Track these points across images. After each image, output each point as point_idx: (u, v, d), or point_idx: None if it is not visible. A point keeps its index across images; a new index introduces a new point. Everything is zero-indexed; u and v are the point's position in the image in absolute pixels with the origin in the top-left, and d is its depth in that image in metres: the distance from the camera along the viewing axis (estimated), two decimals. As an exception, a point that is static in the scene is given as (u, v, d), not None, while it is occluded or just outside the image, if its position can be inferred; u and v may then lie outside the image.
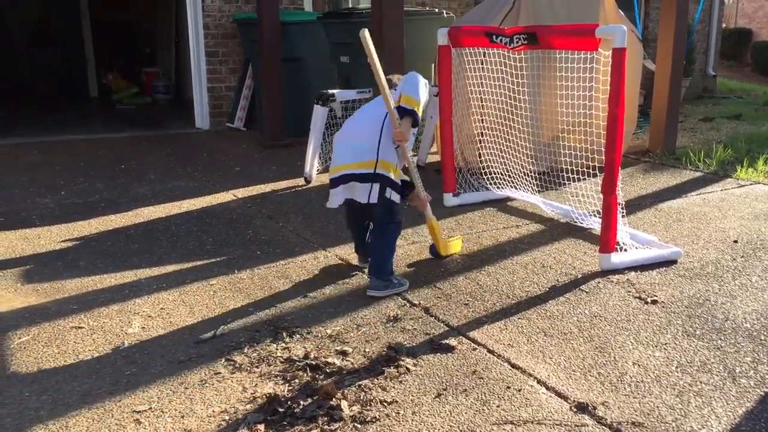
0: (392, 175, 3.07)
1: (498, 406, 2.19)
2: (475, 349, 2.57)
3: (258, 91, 7.31)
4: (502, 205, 4.59)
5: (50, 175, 5.46)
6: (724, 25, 14.78)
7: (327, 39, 6.37)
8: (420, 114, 3.14)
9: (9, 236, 3.93)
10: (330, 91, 5.06)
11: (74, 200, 4.71)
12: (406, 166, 3.27)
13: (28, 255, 3.63)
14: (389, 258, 3.15)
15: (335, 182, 3.12)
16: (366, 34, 3.16)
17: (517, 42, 3.85)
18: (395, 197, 3.09)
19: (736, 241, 3.81)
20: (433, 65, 6.05)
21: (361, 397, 2.24)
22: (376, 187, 3.03)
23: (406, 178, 3.27)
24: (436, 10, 6.46)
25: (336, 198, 3.14)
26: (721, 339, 2.65)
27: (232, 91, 7.79)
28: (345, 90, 5.47)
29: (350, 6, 8.27)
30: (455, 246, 3.62)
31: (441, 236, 3.55)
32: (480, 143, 5.01)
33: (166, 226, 4.13)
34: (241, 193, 4.93)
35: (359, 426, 2.09)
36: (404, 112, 3.08)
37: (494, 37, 4.05)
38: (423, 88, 3.15)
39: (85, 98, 11.02)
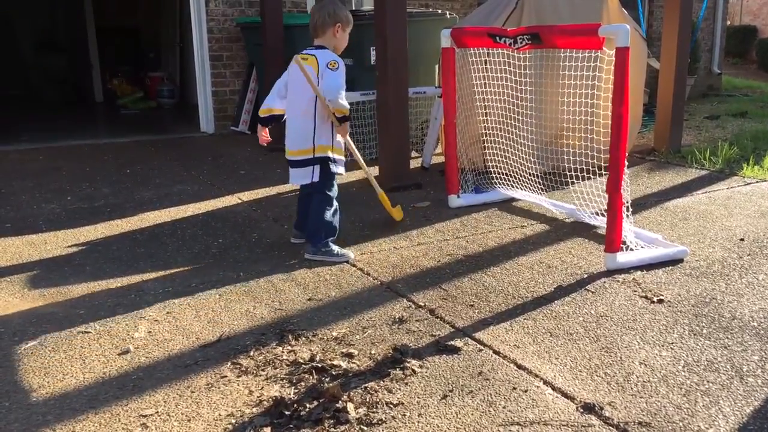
0: (330, 154, 3.53)
1: (504, 407, 2.19)
2: (480, 351, 2.57)
3: (262, 94, 7.32)
4: (506, 205, 4.58)
5: (56, 180, 5.48)
6: (728, 23, 14.73)
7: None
8: (348, 113, 3.52)
9: (16, 242, 3.95)
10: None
11: (80, 205, 4.73)
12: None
13: (34, 260, 3.65)
14: (323, 227, 3.53)
15: (289, 164, 3.62)
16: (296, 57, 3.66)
17: (521, 42, 3.85)
18: (337, 169, 3.57)
19: (742, 240, 3.80)
20: (436, 67, 6.06)
21: (367, 399, 2.24)
22: (317, 168, 3.51)
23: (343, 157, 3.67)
24: (439, 11, 6.47)
25: (292, 178, 3.64)
26: (728, 338, 2.64)
27: (236, 94, 7.81)
28: (349, 92, 5.46)
29: (353, 8, 8.28)
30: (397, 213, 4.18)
31: (389, 205, 4.14)
32: (484, 144, 5.00)
33: (172, 230, 4.14)
34: (247, 196, 4.94)
35: (365, 428, 2.09)
36: (342, 120, 3.50)
37: (498, 37, 4.05)
38: (342, 91, 3.48)
39: (90, 103, 11.08)
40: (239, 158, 6.34)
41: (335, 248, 3.56)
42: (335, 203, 3.63)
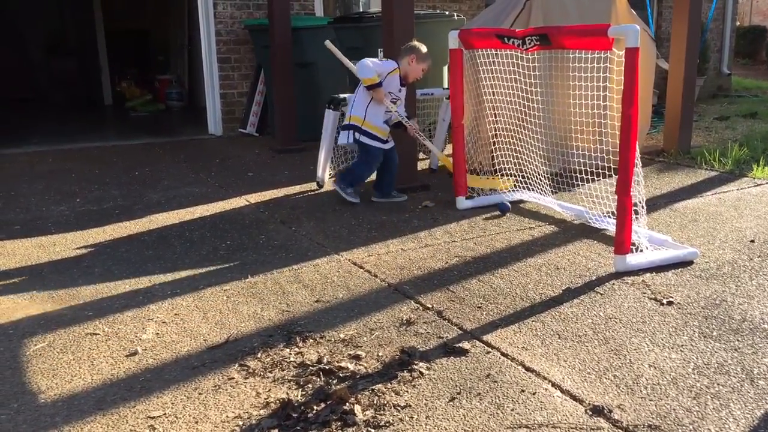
0: (361, 125, 4.60)
1: (512, 410, 2.18)
2: (488, 353, 2.55)
3: (270, 96, 7.34)
4: (515, 206, 4.56)
5: (65, 182, 5.51)
6: (738, 24, 14.65)
7: (338, 43, 6.37)
8: (375, 81, 4.48)
9: (25, 244, 3.97)
10: (341, 96, 5.07)
11: (89, 207, 4.75)
12: (400, 118, 4.73)
13: (43, 262, 3.66)
14: (353, 179, 4.70)
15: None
16: (329, 43, 4.94)
17: (530, 43, 3.84)
18: (365, 140, 4.61)
19: (752, 241, 3.77)
20: (445, 68, 6.05)
21: (375, 402, 2.23)
22: (351, 132, 4.66)
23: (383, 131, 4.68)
24: (447, 12, 6.46)
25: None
26: (738, 340, 2.62)
27: (244, 96, 7.83)
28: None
29: (361, 10, 8.29)
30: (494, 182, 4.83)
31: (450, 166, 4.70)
32: (494, 145, 4.99)
33: (180, 232, 4.15)
34: (254, 198, 4.95)
35: (373, 430, 2.08)
36: (369, 89, 4.56)
37: (506, 38, 4.03)
38: (368, 68, 4.48)
39: (99, 106, 11.14)
40: (247, 160, 6.35)
41: (351, 191, 4.68)
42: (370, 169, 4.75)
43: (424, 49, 4.60)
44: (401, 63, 4.57)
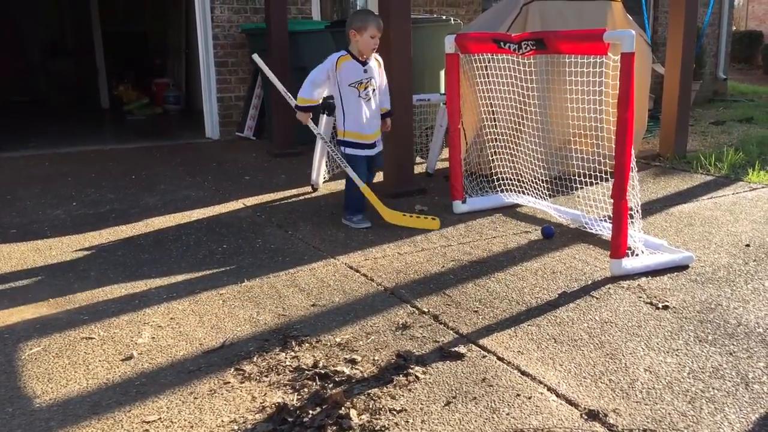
0: (343, 137, 4.27)
1: (508, 414, 2.18)
2: (484, 357, 2.56)
3: (267, 100, 7.34)
4: (511, 211, 4.57)
5: (62, 186, 5.50)
6: (734, 28, 14.71)
7: (335, 47, 6.38)
8: (302, 103, 4.19)
9: (21, 247, 3.97)
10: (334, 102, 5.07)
11: (85, 211, 4.75)
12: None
13: (39, 266, 3.66)
14: (348, 204, 4.33)
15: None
16: (256, 57, 4.68)
17: (526, 48, 3.85)
18: (347, 151, 4.27)
19: (748, 245, 3.78)
20: (441, 72, 6.06)
21: (370, 406, 2.23)
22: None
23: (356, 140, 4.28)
24: (444, 17, 6.48)
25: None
26: (733, 344, 2.63)
27: (241, 100, 7.83)
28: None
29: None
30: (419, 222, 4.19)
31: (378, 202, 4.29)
32: (491, 149, 4.99)
33: (177, 236, 4.15)
34: (251, 201, 4.95)
35: (368, 435, 2.08)
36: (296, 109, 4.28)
37: (502, 43, 4.05)
38: (304, 86, 4.18)
39: (96, 110, 11.13)
40: (244, 164, 6.35)
41: (354, 218, 4.28)
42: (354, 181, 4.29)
43: (361, 15, 4.17)
44: (349, 45, 4.16)
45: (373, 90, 4.23)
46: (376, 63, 4.27)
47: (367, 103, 4.22)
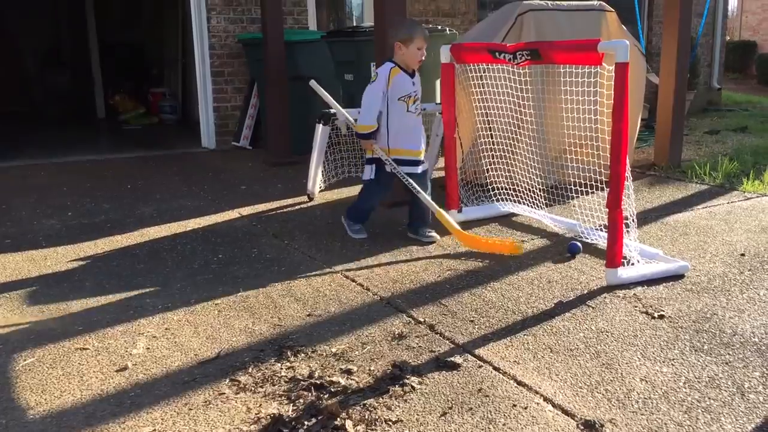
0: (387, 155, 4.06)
1: (504, 425, 2.17)
2: (480, 367, 2.55)
3: (263, 109, 7.35)
4: (507, 220, 4.58)
5: (57, 196, 5.49)
6: (728, 38, 14.81)
7: (331, 57, 6.41)
8: (363, 130, 4.01)
9: (16, 258, 3.95)
10: (332, 111, 5.09)
11: (81, 221, 4.74)
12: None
13: (34, 276, 3.64)
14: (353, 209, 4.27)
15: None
16: (313, 83, 4.34)
17: (521, 58, 3.87)
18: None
19: (743, 255, 3.79)
20: (437, 82, 6.07)
21: (366, 417, 2.22)
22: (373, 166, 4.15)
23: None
24: (439, 27, 6.49)
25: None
26: (729, 354, 2.63)
27: (237, 110, 7.84)
28: (347, 109, 5.48)
29: (354, 24, 8.34)
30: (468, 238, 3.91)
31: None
32: (487, 158, 5.00)
33: (172, 246, 4.14)
34: (247, 211, 4.95)
35: (364, 446, 2.07)
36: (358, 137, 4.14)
37: (497, 53, 4.06)
38: (363, 112, 4.01)
39: (92, 119, 11.12)
40: (240, 173, 6.35)
41: (355, 227, 4.25)
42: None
43: (405, 26, 3.97)
44: (394, 57, 3.99)
45: (418, 102, 4.08)
46: (418, 76, 4.10)
47: (416, 119, 4.07)
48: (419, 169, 4.07)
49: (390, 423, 2.18)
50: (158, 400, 2.36)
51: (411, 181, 3.98)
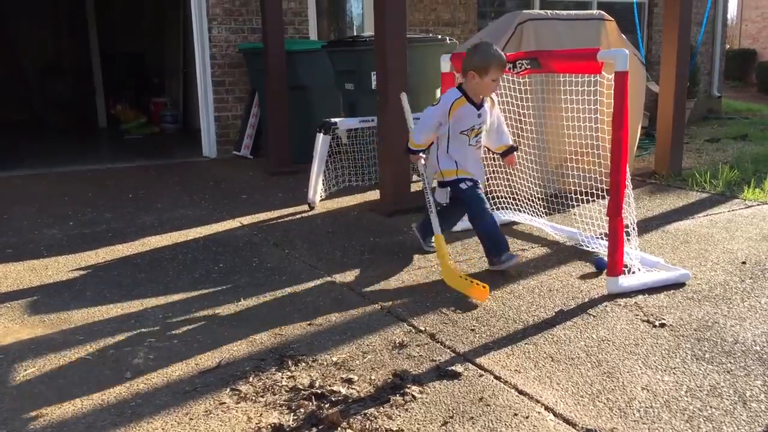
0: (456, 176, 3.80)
1: (505, 434, 2.17)
2: (481, 376, 2.55)
3: (264, 119, 7.37)
4: (507, 228, 4.57)
5: (58, 205, 5.50)
6: (728, 46, 14.84)
7: (332, 67, 6.43)
8: (413, 147, 3.84)
9: (17, 267, 3.96)
10: (332, 120, 5.11)
11: (82, 230, 4.74)
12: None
13: (35, 286, 3.65)
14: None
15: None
16: (404, 96, 3.99)
17: (520, 67, 3.88)
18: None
19: (744, 263, 3.78)
20: (438, 91, 6.09)
21: (367, 426, 2.22)
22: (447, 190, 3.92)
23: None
24: (440, 36, 6.52)
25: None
26: (730, 362, 2.62)
27: (238, 119, 7.86)
28: (348, 118, 5.52)
29: (354, 34, 8.37)
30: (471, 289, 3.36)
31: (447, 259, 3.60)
32: (488, 167, 5.01)
33: (173, 255, 4.14)
34: (248, 220, 4.95)
35: (365, 455, 2.06)
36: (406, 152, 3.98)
37: (497, 62, 4.07)
38: (416, 130, 3.84)
39: (94, 129, 11.15)
40: (241, 183, 6.36)
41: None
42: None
43: (481, 53, 3.57)
44: (464, 85, 3.67)
45: (482, 134, 3.78)
46: (489, 102, 3.76)
47: (476, 151, 3.80)
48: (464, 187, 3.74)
49: (391, 432, 2.18)
50: (159, 410, 2.36)
51: (431, 198, 3.79)
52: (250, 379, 2.55)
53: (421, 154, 3.86)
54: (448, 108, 3.64)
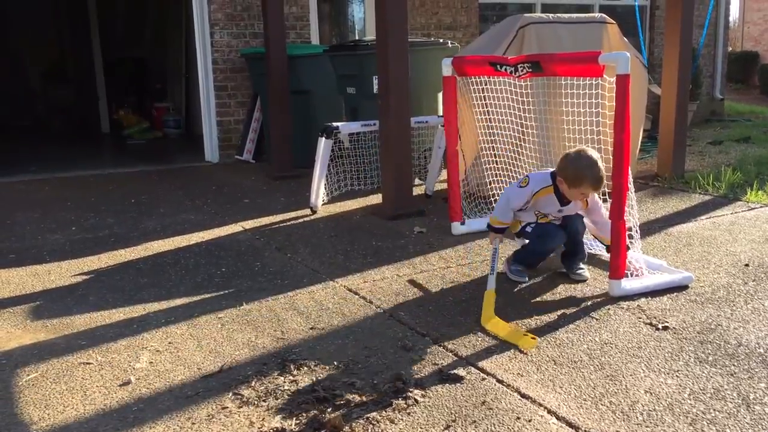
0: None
1: (508, 438, 2.16)
2: (484, 379, 2.54)
3: (266, 123, 7.38)
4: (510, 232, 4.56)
5: (61, 210, 5.51)
6: (730, 49, 14.84)
7: (334, 71, 6.44)
8: (494, 224, 3.66)
9: (20, 272, 3.96)
10: (334, 124, 5.12)
11: (84, 235, 4.75)
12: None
13: (38, 291, 3.65)
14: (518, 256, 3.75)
15: None
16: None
17: (522, 70, 3.88)
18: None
19: (747, 265, 3.77)
20: (439, 95, 6.10)
21: (369, 430, 2.21)
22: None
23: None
24: (441, 40, 6.53)
25: None
26: (734, 365, 2.61)
27: (241, 124, 7.88)
28: (350, 122, 5.52)
29: (356, 38, 8.38)
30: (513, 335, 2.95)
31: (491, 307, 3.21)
32: (490, 170, 5.01)
33: (175, 260, 4.15)
34: (250, 224, 4.95)
35: (367, 460, 2.06)
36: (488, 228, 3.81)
37: (498, 66, 4.08)
38: (500, 206, 3.69)
39: (96, 134, 11.18)
40: (243, 187, 6.37)
41: (513, 269, 3.72)
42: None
43: (576, 168, 3.39)
44: (557, 180, 3.50)
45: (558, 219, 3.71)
46: (581, 203, 3.61)
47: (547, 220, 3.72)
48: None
49: (393, 436, 2.18)
50: (161, 414, 2.36)
51: (496, 258, 3.56)
52: (253, 384, 2.55)
53: (501, 236, 3.68)
54: (531, 194, 3.58)
